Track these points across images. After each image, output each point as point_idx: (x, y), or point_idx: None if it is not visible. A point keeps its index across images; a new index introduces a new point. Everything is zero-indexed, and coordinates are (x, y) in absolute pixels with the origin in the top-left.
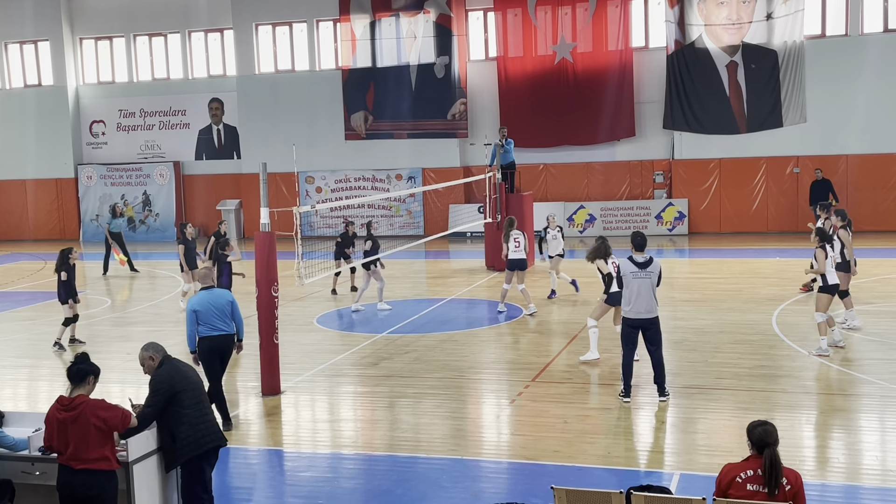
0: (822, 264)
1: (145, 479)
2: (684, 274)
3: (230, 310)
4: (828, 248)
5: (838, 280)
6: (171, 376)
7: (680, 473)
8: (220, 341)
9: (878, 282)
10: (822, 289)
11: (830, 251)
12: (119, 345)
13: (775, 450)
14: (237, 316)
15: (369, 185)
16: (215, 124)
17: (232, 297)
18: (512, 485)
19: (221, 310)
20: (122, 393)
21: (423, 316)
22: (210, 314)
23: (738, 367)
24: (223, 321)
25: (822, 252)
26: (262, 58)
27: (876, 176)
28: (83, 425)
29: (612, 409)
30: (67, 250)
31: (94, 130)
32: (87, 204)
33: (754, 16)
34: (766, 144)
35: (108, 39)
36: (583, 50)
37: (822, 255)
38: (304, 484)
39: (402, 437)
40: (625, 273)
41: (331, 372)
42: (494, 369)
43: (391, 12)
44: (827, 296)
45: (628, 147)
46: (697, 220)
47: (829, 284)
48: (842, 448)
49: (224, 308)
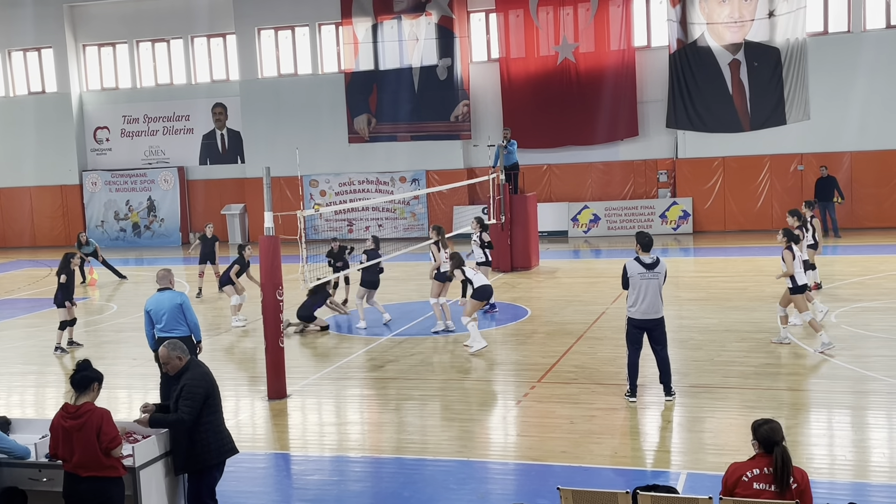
0: (790, 265)
1: (153, 484)
2: (689, 273)
3: (180, 311)
4: (794, 248)
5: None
6: (205, 379)
7: (687, 473)
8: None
9: (883, 278)
10: (792, 290)
11: (798, 251)
12: (125, 349)
13: (785, 447)
14: (189, 318)
15: (373, 187)
16: (219, 129)
17: (182, 300)
18: (519, 486)
19: (171, 312)
20: (130, 398)
21: (428, 318)
22: (160, 315)
23: (744, 366)
24: (175, 323)
25: (789, 253)
26: (265, 62)
27: (880, 172)
28: (89, 433)
29: (619, 410)
30: (70, 254)
31: (99, 137)
32: (92, 210)
33: (756, 14)
34: (770, 142)
35: (111, 46)
36: (585, 50)
37: (790, 257)
38: (312, 487)
39: (408, 439)
40: (632, 274)
41: (336, 375)
42: (500, 370)
43: (393, 15)
44: (801, 296)
45: (632, 146)
46: (702, 218)
47: (799, 285)
48: (849, 446)
49: (174, 310)
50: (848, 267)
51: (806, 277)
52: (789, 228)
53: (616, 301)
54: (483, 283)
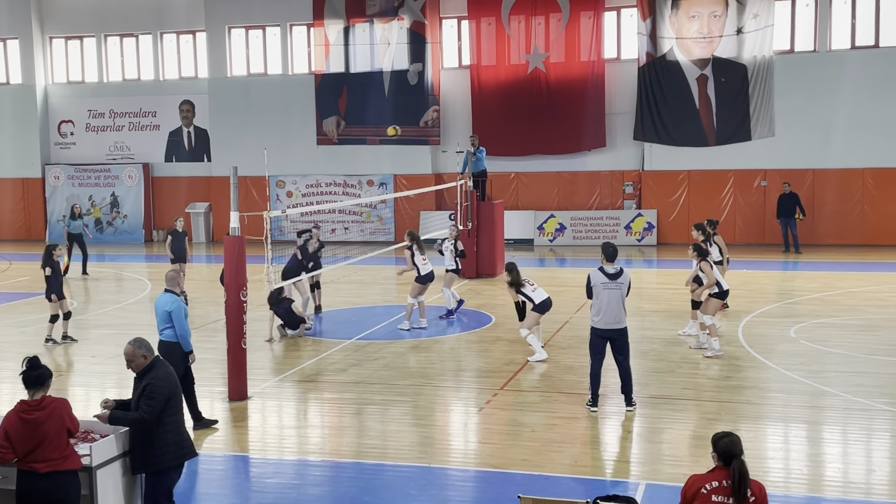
0: (710, 275)
1: (109, 484)
2: (652, 284)
3: (167, 318)
4: (710, 258)
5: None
6: (169, 379)
7: (646, 483)
8: (162, 347)
9: (842, 295)
10: (714, 295)
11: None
12: (84, 347)
13: (743, 461)
14: (177, 326)
15: (341, 190)
16: (186, 126)
17: (171, 307)
18: (479, 493)
19: (161, 316)
20: (87, 396)
21: (392, 322)
22: (156, 316)
23: (705, 378)
24: (163, 326)
25: (707, 264)
26: (235, 61)
27: (841, 190)
28: (58, 423)
29: (580, 419)
30: (52, 245)
31: (63, 130)
32: (53, 204)
33: (725, 30)
34: (735, 157)
35: (78, 39)
36: (555, 60)
37: (708, 267)
38: (270, 491)
39: (369, 444)
40: (595, 284)
41: (299, 377)
42: (463, 377)
43: (365, 18)
44: (717, 301)
45: (599, 157)
46: (666, 230)
47: (724, 290)
48: (805, 460)
49: (163, 315)
50: (808, 283)
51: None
52: (698, 243)
53: (580, 310)
54: (543, 297)
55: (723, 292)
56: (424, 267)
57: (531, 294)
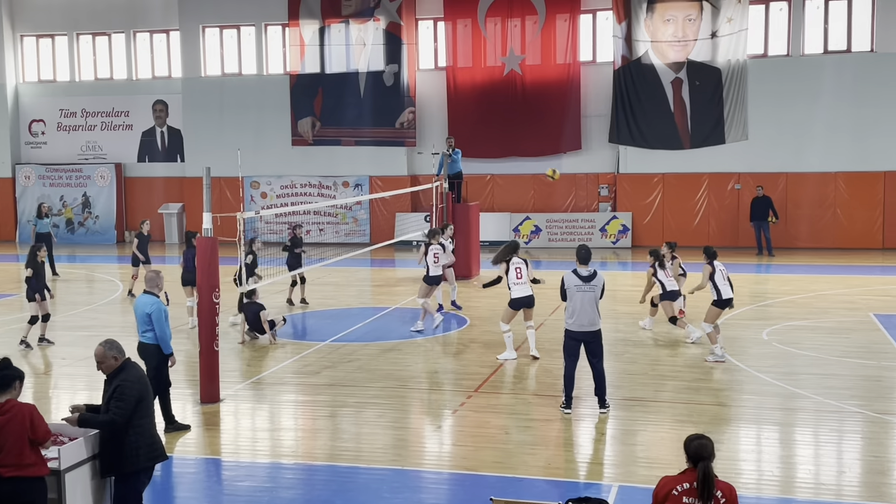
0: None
1: (78, 487)
2: (627, 287)
3: (147, 320)
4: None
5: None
6: (140, 381)
7: (618, 486)
8: (140, 349)
9: (814, 297)
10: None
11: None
12: (54, 349)
13: (709, 463)
14: (157, 329)
15: (315, 191)
16: (159, 126)
17: (151, 309)
18: (452, 496)
19: (141, 318)
20: (58, 398)
21: (367, 324)
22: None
23: (678, 381)
24: (143, 328)
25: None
26: (209, 60)
27: (814, 194)
28: (18, 428)
29: (553, 421)
30: (36, 246)
31: (34, 130)
32: (24, 205)
33: (699, 34)
34: (709, 160)
35: (49, 37)
36: (531, 62)
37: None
38: (243, 494)
39: (342, 446)
40: (569, 286)
41: (272, 380)
42: (437, 379)
43: (341, 19)
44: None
45: (574, 160)
46: (641, 233)
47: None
48: (776, 462)
49: (143, 317)
50: (780, 286)
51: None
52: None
53: (554, 313)
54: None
55: (722, 300)
56: (435, 268)
57: (512, 285)
